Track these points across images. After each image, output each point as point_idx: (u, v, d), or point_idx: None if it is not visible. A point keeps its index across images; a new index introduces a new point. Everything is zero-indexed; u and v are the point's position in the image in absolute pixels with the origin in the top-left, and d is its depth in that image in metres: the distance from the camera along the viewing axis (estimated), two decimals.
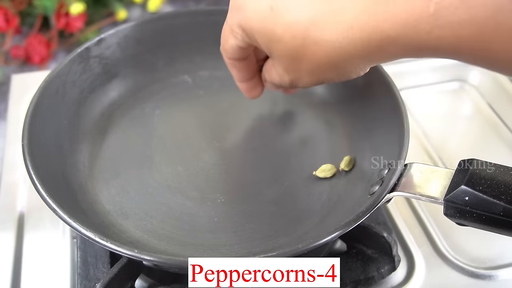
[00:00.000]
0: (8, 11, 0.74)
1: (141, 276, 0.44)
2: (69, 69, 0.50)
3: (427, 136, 0.58)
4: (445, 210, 0.36)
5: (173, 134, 0.52)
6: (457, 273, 0.46)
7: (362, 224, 0.39)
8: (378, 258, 0.45)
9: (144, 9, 0.87)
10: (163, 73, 0.57)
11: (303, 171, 0.48)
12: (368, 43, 0.33)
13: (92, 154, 0.49)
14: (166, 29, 0.57)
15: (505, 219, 0.34)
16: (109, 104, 0.54)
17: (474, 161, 0.36)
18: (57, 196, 0.39)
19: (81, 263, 0.45)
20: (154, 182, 0.47)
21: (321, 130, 0.52)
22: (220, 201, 0.46)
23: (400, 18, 0.31)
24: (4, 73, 0.74)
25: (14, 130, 0.58)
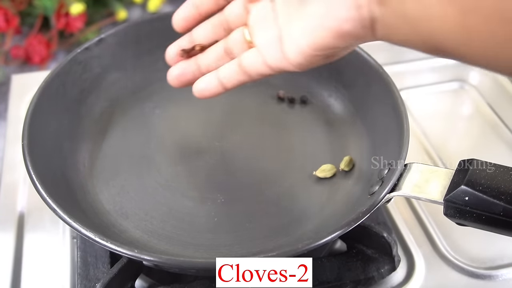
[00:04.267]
0: (8, 11, 0.74)
1: (141, 276, 0.44)
2: (69, 69, 0.50)
3: (427, 136, 0.58)
4: (445, 210, 0.36)
5: (173, 134, 0.52)
6: (457, 273, 0.46)
7: (362, 224, 0.39)
8: (378, 258, 0.45)
9: (144, 9, 0.87)
10: (163, 73, 0.57)
11: (303, 171, 0.48)
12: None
13: (92, 154, 0.49)
14: (166, 29, 0.56)
15: (505, 219, 0.34)
16: (109, 104, 0.54)
17: (474, 161, 0.36)
18: (57, 196, 0.40)
19: (81, 263, 0.45)
20: (154, 182, 0.47)
21: (321, 130, 0.52)
22: (220, 201, 0.46)
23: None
24: (4, 73, 0.74)
25: (14, 130, 0.58)
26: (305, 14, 0.34)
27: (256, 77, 0.40)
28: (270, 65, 0.38)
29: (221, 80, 0.42)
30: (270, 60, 0.38)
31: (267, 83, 0.57)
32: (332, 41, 0.34)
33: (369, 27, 0.32)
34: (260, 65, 0.39)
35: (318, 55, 0.35)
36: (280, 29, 0.37)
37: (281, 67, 0.38)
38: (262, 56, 0.39)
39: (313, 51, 0.35)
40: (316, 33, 0.34)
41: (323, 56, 0.36)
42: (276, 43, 0.37)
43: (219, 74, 0.42)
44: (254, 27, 0.39)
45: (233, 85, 0.42)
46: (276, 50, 0.37)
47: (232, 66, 0.41)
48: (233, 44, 0.41)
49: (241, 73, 0.40)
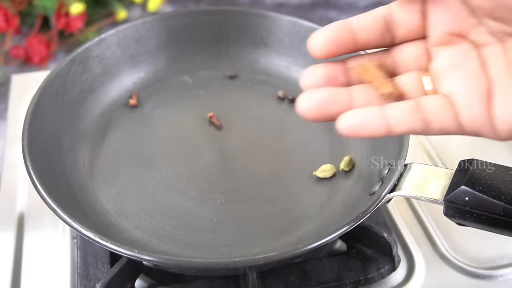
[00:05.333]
0: (8, 11, 0.74)
1: (141, 276, 0.44)
2: (69, 69, 0.50)
3: (427, 136, 0.58)
4: (445, 210, 0.36)
5: (173, 134, 0.52)
6: (457, 273, 0.46)
7: (362, 224, 0.39)
8: (378, 258, 0.45)
9: (144, 9, 0.87)
10: (163, 73, 0.57)
11: (303, 171, 0.48)
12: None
13: (92, 154, 0.49)
14: (166, 29, 0.57)
15: (505, 219, 0.34)
16: (109, 104, 0.54)
17: (474, 161, 0.36)
18: (57, 196, 0.40)
19: (81, 263, 0.45)
20: (154, 182, 0.47)
21: (321, 130, 0.52)
22: (220, 201, 0.46)
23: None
24: (4, 73, 0.74)
25: (14, 130, 0.58)
26: None
27: (434, 130, 0.30)
28: (462, 121, 0.29)
29: (388, 120, 0.30)
30: (466, 115, 0.29)
31: (267, 83, 0.57)
32: None
33: None
34: (447, 117, 0.29)
35: None
36: (491, 81, 0.28)
37: (476, 127, 0.29)
38: (453, 108, 0.29)
39: None
40: None
41: None
42: (480, 96, 0.28)
43: (388, 112, 0.30)
44: (444, 73, 0.30)
45: (401, 131, 0.30)
46: (478, 104, 0.28)
47: (408, 108, 0.30)
48: (405, 88, 0.32)
49: (418, 119, 0.30)
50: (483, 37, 0.29)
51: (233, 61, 0.58)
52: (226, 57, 0.58)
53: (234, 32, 0.58)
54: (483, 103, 0.28)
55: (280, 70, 0.57)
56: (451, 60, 0.30)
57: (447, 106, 0.29)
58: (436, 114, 0.30)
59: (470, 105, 0.29)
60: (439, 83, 0.31)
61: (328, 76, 0.32)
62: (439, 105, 0.30)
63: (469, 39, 0.30)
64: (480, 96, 0.28)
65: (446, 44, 0.31)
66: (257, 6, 0.90)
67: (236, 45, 0.58)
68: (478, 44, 0.30)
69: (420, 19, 0.31)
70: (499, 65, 0.28)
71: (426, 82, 0.31)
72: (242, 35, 0.57)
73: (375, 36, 0.32)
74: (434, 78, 0.31)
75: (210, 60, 0.58)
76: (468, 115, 0.29)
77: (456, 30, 0.30)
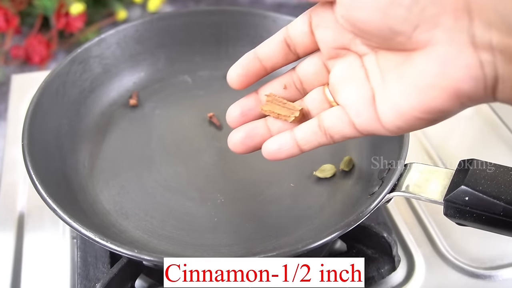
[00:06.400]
0: (8, 11, 0.74)
1: (141, 276, 0.44)
2: (69, 69, 0.50)
3: (427, 136, 0.58)
4: (445, 210, 0.36)
5: (173, 134, 0.52)
6: (457, 273, 0.46)
7: (362, 224, 0.39)
8: (378, 258, 0.45)
9: (144, 9, 0.87)
10: (163, 73, 0.57)
11: (303, 171, 0.48)
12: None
13: (92, 154, 0.49)
14: (166, 29, 0.57)
15: (505, 219, 0.34)
16: (109, 104, 0.54)
17: (474, 161, 0.36)
18: (57, 196, 0.40)
19: (81, 263, 0.45)
20: (154, 182, 0.47)
21: None
22: (220, 201, 0.46)
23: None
24: (4, 73, 0.74)
25: (14, 130, 0.58)
26: (408, 73, 0.30)
27: (338, 140, 0.35)
28: (357, 127, 0.34)
29: (297, 142, 0.36)
30: (359, 122, 0.33)
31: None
32: (445, 103, 0.29)
33: (490, 87, 0.28)
34: (345, 126, 0.34)
35: (423, 118, 0.31)
36: (372, 89, 0.32)
37: (370, 129, 0.33)
38: (348, 117, 0.34)
39: (419, 114, 0.30)
40: (426, 94, 0.30)
41: (428, 121, 0.31)
42: (367, 104, 0.33)
43: (296, 135, 0.36)
44: (338, 85, 0.35)
45: (311, 148, 0.36)
46: (367, 111, 0.33)
47: (311, 127, 0.36)
48: (311, 104, 0.37)
49: (321, 134, 0.35)
50: (361, 48, 0.33)
51: (233, 61, 0.57)
52: (226, 57, 0.58)
53: (234, 32, 0.58)
54: (371, 109, 0.32)
55: (279, 70, 0.57)
56: (342, 73, 0.34)
57: (343, 117, 0.34)
58: (333, 127, 0.34)
59: (359, 114, 0.33)
60: (336, 95, 0.35)
61: (243, 111, 0.38)
62: (335, 118, 0.34)
63: (352, 51, 0.34)
64: (368, 104, 0.33)
65: (336, 57, 0.35)
66: (257, 6, 0.90)
67: (236, 45, 0.58)
68: (360, 54, 0.33)
69: (310, 37, 0.35)
70: (376, 73, 0.32)
71: (328, 94, 0.36)
72: (242, 35, 0.57)
73: (280, 58, 0.36)
74: (332, 91, 0.35)
75: (210, 60, 0.58)
76: (360, 122, 0.33)
77: (339, 44, 0.34)
